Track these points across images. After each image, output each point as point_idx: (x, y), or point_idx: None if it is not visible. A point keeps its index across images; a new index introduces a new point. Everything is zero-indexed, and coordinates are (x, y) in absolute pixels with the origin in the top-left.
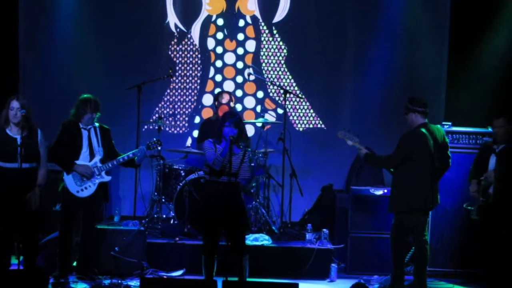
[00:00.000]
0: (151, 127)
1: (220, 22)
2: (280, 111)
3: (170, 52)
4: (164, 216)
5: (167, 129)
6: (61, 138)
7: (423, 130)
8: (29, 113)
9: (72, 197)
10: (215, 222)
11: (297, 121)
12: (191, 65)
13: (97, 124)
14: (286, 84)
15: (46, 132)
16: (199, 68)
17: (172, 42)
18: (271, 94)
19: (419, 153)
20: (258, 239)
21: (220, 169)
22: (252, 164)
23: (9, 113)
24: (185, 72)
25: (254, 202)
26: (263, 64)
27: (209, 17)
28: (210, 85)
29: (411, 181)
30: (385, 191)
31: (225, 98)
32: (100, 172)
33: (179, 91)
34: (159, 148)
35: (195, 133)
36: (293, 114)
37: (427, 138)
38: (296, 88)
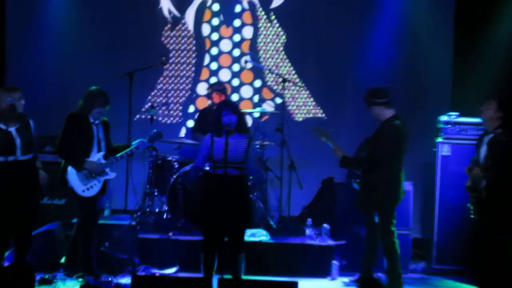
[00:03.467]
0: (143, 116)
1: (216, 7)
2: (278, 100)
3: (163, 39)
4: (157, 209)
5: (160, 118)
6: (68, 131)
7: (398, 122)
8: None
9: (80, 198)
10: (213, 217)
11: (296, 111)
12: (185, 52)
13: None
14: (284, 72)
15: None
16: (193, 56)
17: (166, 28)
18: (269, 83)
19: (400, 147)
20: (255, 235)
21: (217, 160)
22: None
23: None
24: (178, 59)
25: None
26: (261, 52)
27: (204, 2)
28: (205, 74)
29: (394, 176)
30: None
31: (216, 87)
32: (105, 169)
33: (172, 79)
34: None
35: (189, 123)
36: (292, 103)
37: (405, 131)
38: (295, 76)
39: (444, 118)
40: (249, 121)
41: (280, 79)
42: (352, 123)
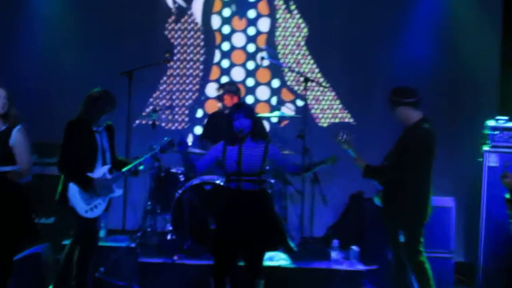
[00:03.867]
0: (143, 122)
1: None
2: (299, 103)
3: (167, 32)
4: (160, 230)
5: (163, 124)
6: (71, 144)
7: (427, 125)
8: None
9: (80, 218)
10: (225, 238)
11: (320, 115)
12: (192, 48)
13: None
14: (306, 70)
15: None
16: (201, 52)
17: (169, 20)
18: (288, 83)
19: (430, 155)
20: (273, 258)
21: (230, 173)
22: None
23: None
24: (184, 56)
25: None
26: (279, 47)
27: None
28: (215, 72)
29: (422, 188)
30: None
31: (227, 88)
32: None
33: (177, 78)
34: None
35: (197, 129)
36: (315, 106)
37: (434, 136)
38: (318, 75)
39: (491, 123)
40: (266, 126)
41: (302, 78)
42: (385, 130)
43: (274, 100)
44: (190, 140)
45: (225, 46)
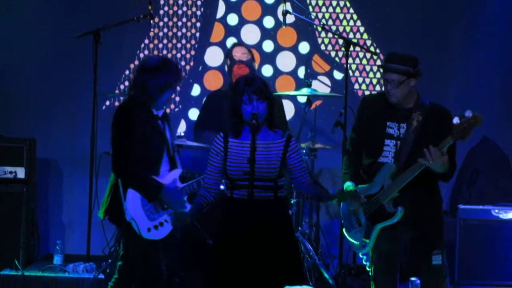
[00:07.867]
0: (116, 103)
1: None
2: (338, 75)
3: None
4: None
5: None
6: (130, 136)
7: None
8: None
9: (140, 242)
10: (232, 269)
11: (367, 93)
12: None
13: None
14: (348, 29)
15: None
16: (199, 3)
17: None
18: (322, 47)
19: None
20: None
21: (236, 176)
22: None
23: None
24: (175, 9)
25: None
26: None
27: None
28: (218, 32)
29: None
30: None
31: (239, 53)
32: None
33: (165, 41)
34: None
35: (192, 113)
36: (360, 80)
37: None
38: (365, 37)
39: None
40: (290, 109)
41: (341, 41)
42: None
43: (301, 72)
44: (182, 127)
45: None
